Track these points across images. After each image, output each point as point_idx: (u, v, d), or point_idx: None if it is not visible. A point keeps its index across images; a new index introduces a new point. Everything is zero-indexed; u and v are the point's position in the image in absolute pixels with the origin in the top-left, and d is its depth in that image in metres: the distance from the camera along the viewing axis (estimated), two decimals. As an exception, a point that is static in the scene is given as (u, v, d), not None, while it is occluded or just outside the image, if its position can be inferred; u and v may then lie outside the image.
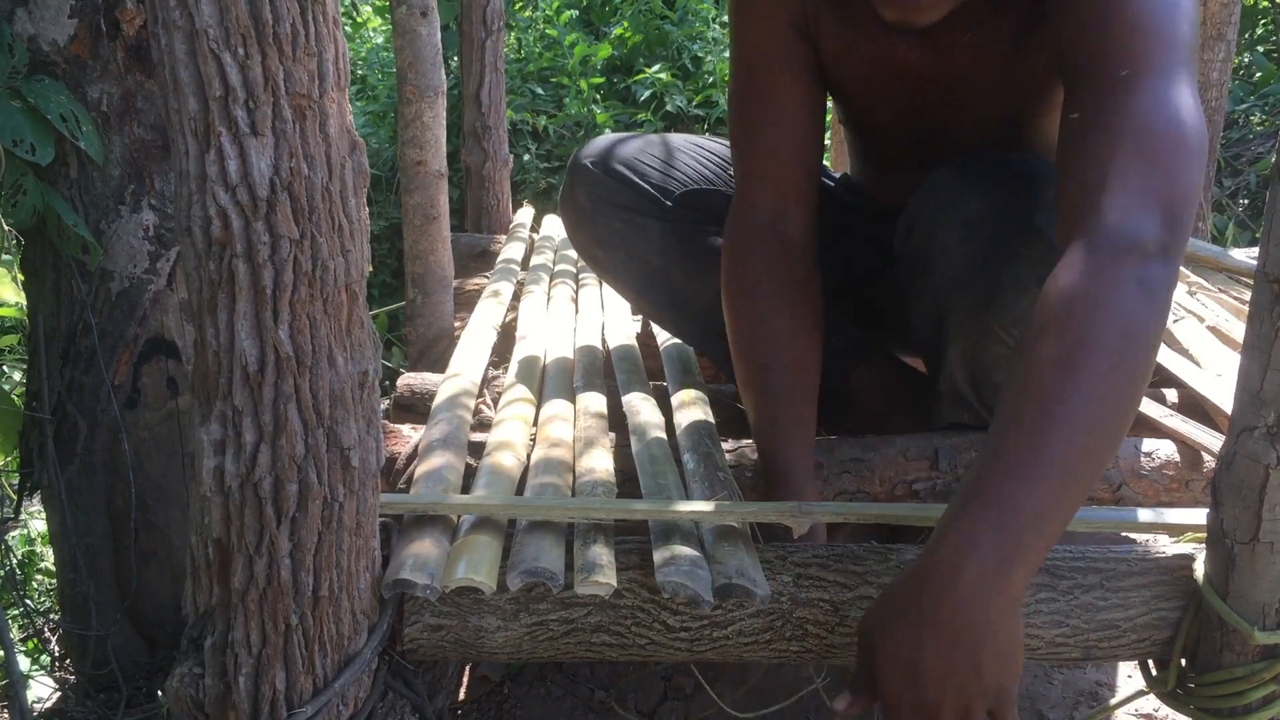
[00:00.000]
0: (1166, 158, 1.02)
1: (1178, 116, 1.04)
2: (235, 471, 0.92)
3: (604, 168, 1.54)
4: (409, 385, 1.79)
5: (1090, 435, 0.94)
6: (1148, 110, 1.03)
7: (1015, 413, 0.96)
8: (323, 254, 0.89)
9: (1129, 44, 1.07)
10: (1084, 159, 1.05)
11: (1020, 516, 0.92)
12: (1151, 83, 1.05)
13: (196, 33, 0.81)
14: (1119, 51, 1.07)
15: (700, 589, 1.03)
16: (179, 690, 1.00)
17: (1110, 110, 1.05)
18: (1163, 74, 1.06)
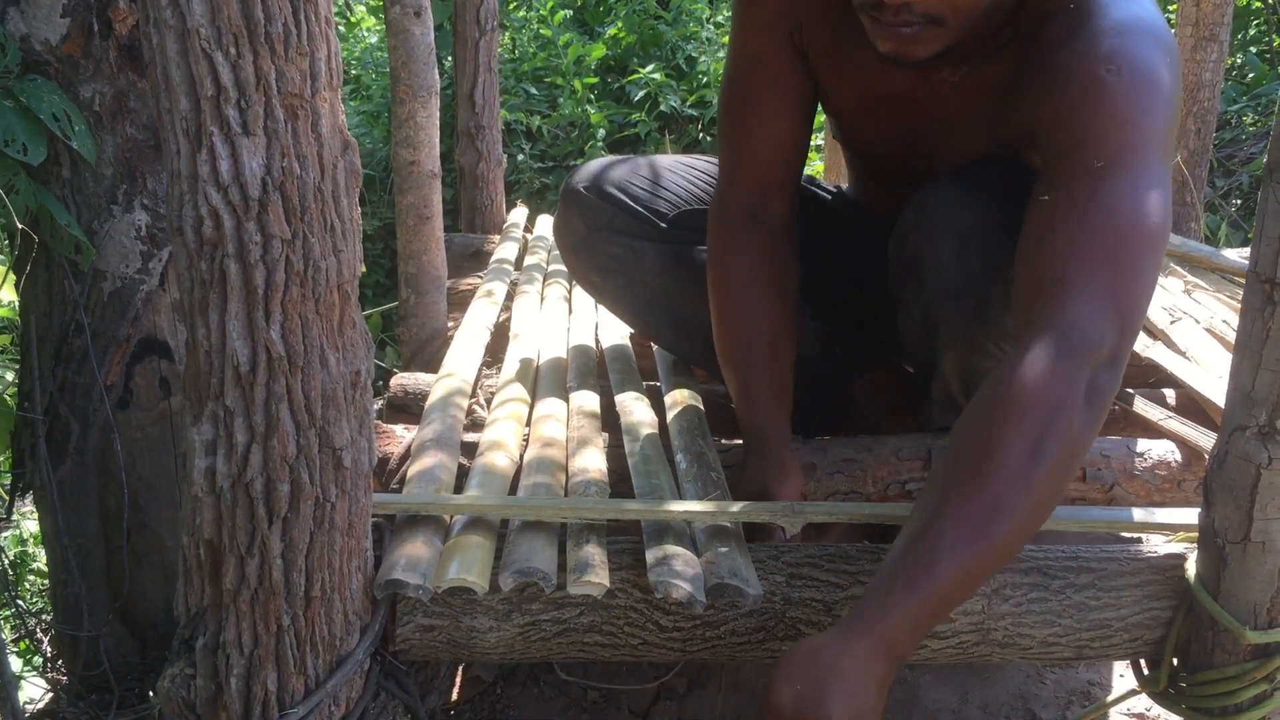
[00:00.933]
0: (1131, 260, 1.05)
1: (1147, 217, 1.06)
2: (227, 472, 0.92)
3: (598, 192, 1.55)
4: (402, 385, 1.79)
5: (1025, 532, 0.99)
6: (1119, 208, 1.05)
7: (962, 499, 0.97)
8: (315, 254, 0.89)
9: (1107, 134, 1.08)
10: (1052, 250, 1.06)
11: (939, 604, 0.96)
12: (1125, 178, 1.06)
13: (188, 32, 0.81)
14: (1096, 141, 1.08)
15: (693, 589, 1.03)
16: (170, 691, 1.00)
17: (1082, 204, 1.06)
18: (1138, 169, 1.07)
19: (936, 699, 1.54)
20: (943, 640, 1.11)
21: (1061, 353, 1.00)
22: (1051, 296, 1.04)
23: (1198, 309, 1.95)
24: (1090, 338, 1.01)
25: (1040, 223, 1.09)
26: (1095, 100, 1.09)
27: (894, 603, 0.95)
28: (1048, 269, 1.06)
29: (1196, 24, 2.71)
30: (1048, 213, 1.09)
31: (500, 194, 3.02)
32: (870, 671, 0.93)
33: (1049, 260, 1.06)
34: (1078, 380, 1.00)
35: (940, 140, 1.37)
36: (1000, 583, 1.11)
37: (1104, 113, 1.09)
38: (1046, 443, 0.98)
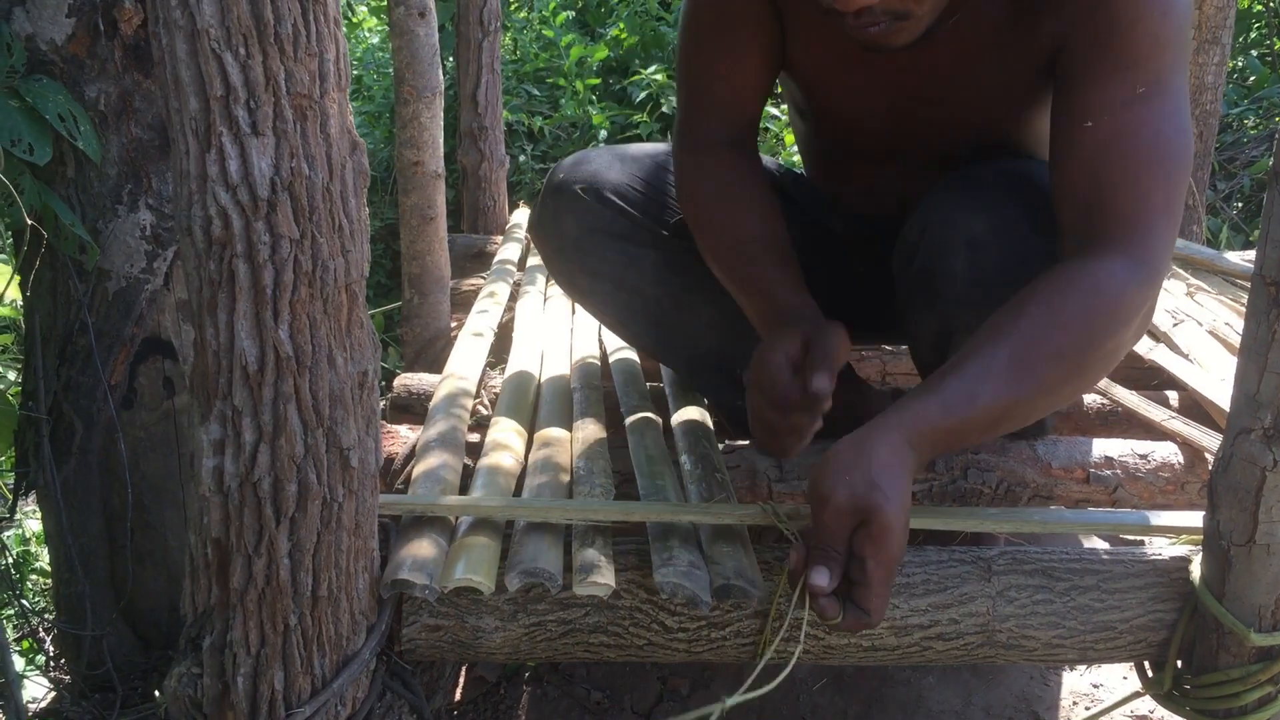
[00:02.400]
0: (1177, 176, 1.14)
1: (1184, 136, 1.14)
2: (234, 471, 0.92)
3: (595, 195, 1.46)
4: (406, 385, 1.79)
5: (1054, 378, 1.09)
6: (1163, 131, 1.13)
7: (994, 339, 1.08)
8: (323, 254, 0.89)
9: (1149, 59, 1.13)
10: (1116, 177, 1.13)
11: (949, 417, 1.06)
12: (1164, 102, 1.13)
13: (198, 32, 0.81)
14: (1139, 66, 1.13)
15: (698, 589, 1.04)
16: (177, 690, 1.00)
17: (1131, 130, 1.13)
18: (1173, 92, 1.14)
19: (940, 701, 1.54)
20: (947, 642, 1.11)
21: (1133, 267, 1.10)
22: (1110, 217, 1.12)
23: (1200, 311, 1.95)
24: (1153, 260, 1.11)
25: (1090, 148, 1.14)
26: (1139, 21, 1.13)
27: (928, 414, 1.05)
28: (1103, 195, 1.13)
29: (1199, 27, 2.71)
30: (1097, 138, 1.14)
31: (503, 195, 3.02)
32: (905, 461, 1.03)
33: (1104, 186, 1.13)
34: (1132, 280, 1.10)
35: (929, 106, 1.35)
36: (1005, 584, 1.11)
37: (1146, 36, 1.13)
38: (1099, 315, 1.08)
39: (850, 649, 1.11)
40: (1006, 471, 1.40)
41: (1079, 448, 1.46)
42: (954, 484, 1.40)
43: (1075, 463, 1.44)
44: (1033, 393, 1.08)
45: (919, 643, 1.11)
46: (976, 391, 1.06)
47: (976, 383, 1.06)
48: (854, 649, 1.11)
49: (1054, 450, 1.44)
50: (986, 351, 1.07)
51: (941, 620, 1.10)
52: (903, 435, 1.04)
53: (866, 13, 1.15)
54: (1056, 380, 1.09)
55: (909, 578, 1.12)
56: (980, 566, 1.12)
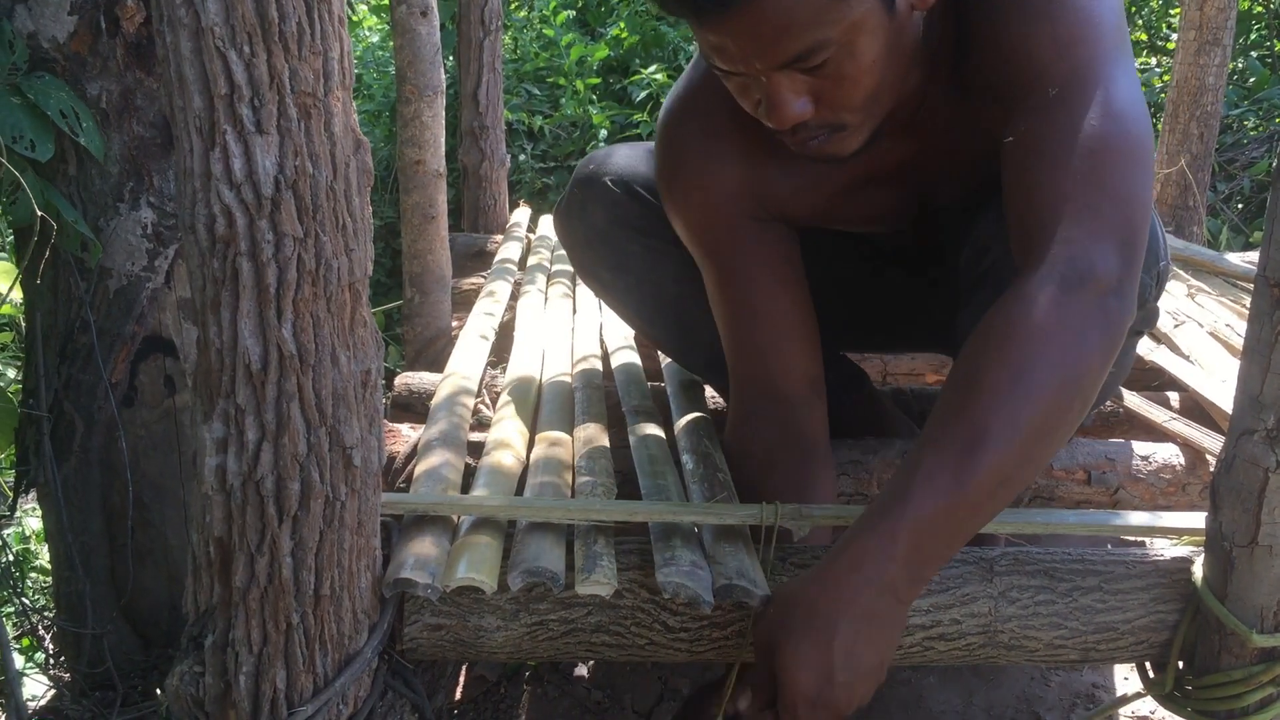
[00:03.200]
0: (1112, 177, 1.04)
1: (1117, 123, 1.05)
2: (237, 470, 0.92)
3: (625, 188, 1.44)
4: (407, 384, 1.79)
5: (1016, 466, 0.99)
6: (1084, 125, 1.04)
7: (947, 429, 0.99)
8: (326, 252, 0.89)
9: (1057, 61, 1.07)
10: (1030, 185, 1.05)
11: (928, 538, 0.97)
12: (1083, 94, 1.05)
13: (202, 30, 0.81)
14: (1043, 72, 1.07)
15: (700, 589, 1.03)
16: (179, 688, 1.00)
17: (1047, 132, 1.05)
18: (1093, 81, 1.06)
19: (941, 701, 1.54)
20: (949, 642, 1.11)
21: (1056, 284, 0.99)
22: (1040, 232, 1.03)
23: (1201, 313, 1.96)
24: (1084, 265, 1.00)
25: (1013, 164, 1.08)
26: (1036, 32, 1.08)
27: (877, 535, 0.97)
28: (1031, 208, 1.05)
29: (1200, 28, 2.71)
30: (1017, 152, 1.08)
31: (504, 194, 3.02)
32: (899, 599, 0.97)
33: (1030, 199, 1.05)
34: (1072, 309, 0.99)
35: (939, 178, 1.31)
36: (1007, 585, 1.11)
37: (1046, 41, 1.07)
38: (1034, 371, 0.97)
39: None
40: (1008, 472, 1.40)
41: (1080, 449, 1.46)
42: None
43: (1076, 464, 1.44)
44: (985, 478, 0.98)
45: (921, 643, 1.11)
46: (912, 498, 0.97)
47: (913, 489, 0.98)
48: (856, 649, 1.11)
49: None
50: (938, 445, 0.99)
51: (943, 620, 1.10)
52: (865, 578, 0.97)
53: (802, 128, 1.12)
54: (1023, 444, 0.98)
55: (911, 578, 1.11)
56: (982, 567, 1.12)
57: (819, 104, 1.10)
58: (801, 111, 1.09)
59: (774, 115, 1.10)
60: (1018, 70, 1.09)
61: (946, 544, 1.01)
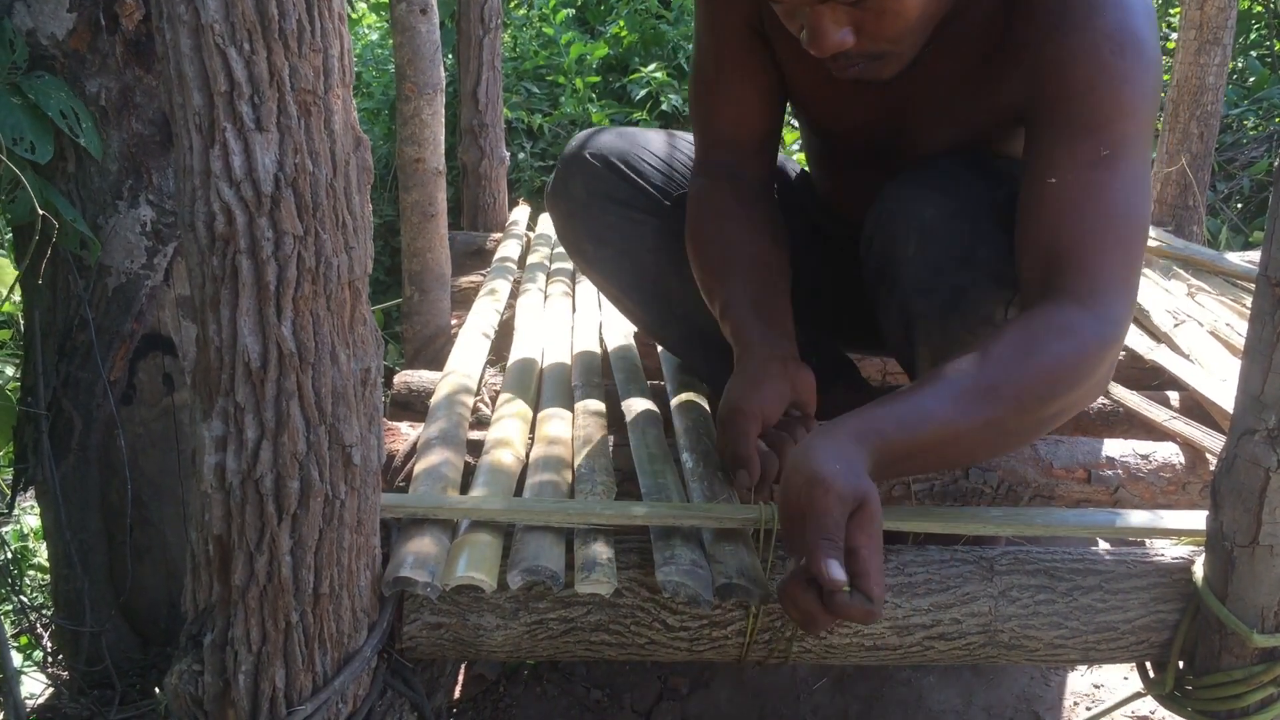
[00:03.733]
0: (1137, 242, 1.15)
1: (1145, 202, 1.16)
2: (236, 468, 0.92)
3: (604, 161, 1.52)
4: (406, 382, 1.79)
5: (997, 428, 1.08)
6: (1125, 196, 1.14)
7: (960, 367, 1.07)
8: (326, 250, 0.89)
9: (1113, 123, 1.14)
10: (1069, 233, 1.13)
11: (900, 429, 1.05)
12: (1128, 167, 1.14)
13: (202, 27, 0.81)
14: (1104, 128, 1.14)
15: (700, 588, 1.03)
16: (178, 687, 1.00)
17: (1094, 191, 1.13)
18: (1137, 158, 1.15)
19: (940, 700, 1.54)
20: (949, 641, 1.11)
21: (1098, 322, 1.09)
22: (1071, 272, 1.12)
23: (1201, 312, 1.95)
24: (1116, 320, 1.11)
25: (1053, 205, 1.14)
26: (1102, 86, 1.14)
27: (883, 425, 1.04)
28: (1064, 251, 1.13)
29: (1200, 27, 2.71)
30: (1060, 196, 1.14)
31: (503, 192, 3.02)
32: (864, 460, 1.02)
33: (1065, 243, 1.13)
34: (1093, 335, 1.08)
35: (908, 129, 1.36)
36: (1007, 584, 1.11)
37: (1110, 100, 1.14)
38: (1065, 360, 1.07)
39: (852, 649, 1.11)
40: (1007, 471, 1.40)
41: (1080, 448, 1.46)
42: (955, 483, 1.40)
43: (1076, 463, 1.44)
44: (983, 426, 1.06)
45: (921, 642, 1.11)
46: (930, 412, 1.05)
47: (932, 403, 1.05)
48: (856, 648, 1.11)
49: (1055, 450, 1.44)
50: (949, 377, 1.07)
51: (944, 620, 1.10)
52: (857, 440, 1.03)
53: (842, 56, 1.19)
54: (1010, 417, 1.07)
55: (911, 577, 1.12)
56: (983, 566, 1.12)
57: (860, 35, 1.17)
58: (842, 41, 1.16)
59: (816, 44, 1.17)
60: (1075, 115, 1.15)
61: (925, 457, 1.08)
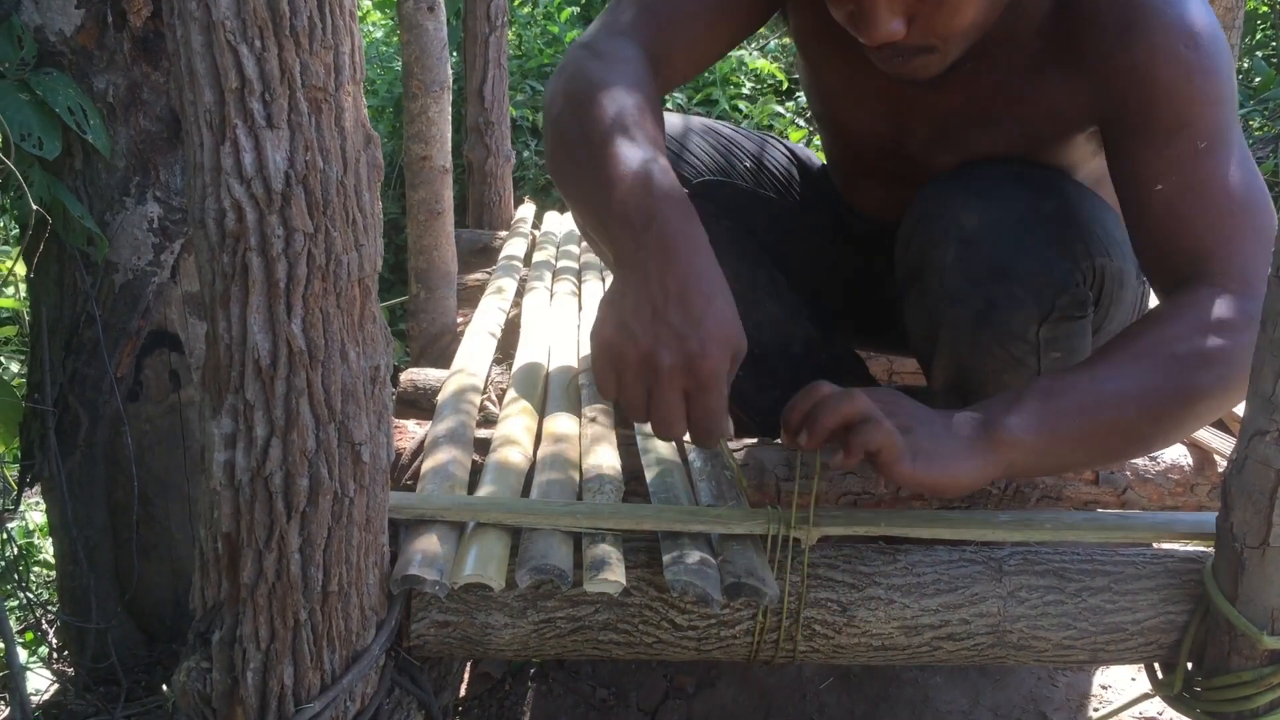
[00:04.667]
0: (1265, 226, 1.11)
1: (1259, 181, 1.13)
2: (246, 466, 0.91)
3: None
4: (412, 380, 1.78)
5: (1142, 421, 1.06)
6: (1237, 182, 1.11)
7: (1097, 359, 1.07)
8: (336, 248, 0.89)
9: (1201, 118, 1.12)
10: (1192, 220, 1.11)
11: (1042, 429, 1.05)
12: (1229, 154, 1.12)
13: (214, 24, 0.81)
14: (1193, 125, 1.12)
15: (709, 587, 1.03)
16: (186, 685, 1.00)
17: (1204, 182, 1.11)
18: (1233, 144, 1.13)
19: (948, 701, 1.54)
20: (958, 642, 1.11)
21: (1237, 301, 1.07)
22: (1210, 262, 1.10)
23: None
24: (1257, 301, 1.04)
25: (1166, 209, 1.13)
26: (1183, 82, 1.12)
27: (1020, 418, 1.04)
28: (1197, 242, 1.11)
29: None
30: (1171, 197, 1.12)
31: (509, 190, 3.02)
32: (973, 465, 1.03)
33: (1195, 236, 1.11)
34: (1246, 330, 1.05)
35: (935, 144, 1.34)
36: (1016, 585, 1.11)
37: (1194, 94, 1.12)
38: (1208, 353, 1.05)
39: (859, 648, 1.11)
40: (1015, 471, 1.40)
41: (1088, 448, 1.45)
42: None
43: (1085, 463, 1.43)
44: (1143, 394, 1.05)
45: (929, 642, 1.11)
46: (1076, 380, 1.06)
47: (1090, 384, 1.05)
48: (863, 648, 1.11)
49: (1063, 450, 1.43)
50: (1095, 361, 1.07)
51: (952, 620, 1.10)
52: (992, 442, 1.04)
53: (889, 46, 1.14)
54: (1166, 399, 1.06)
55: (919, 577, 1.11)
56: (991, 567, 1.12)
57: (912, 26, 1.12)
58: (894, 31, 1.11)
59: (866, 31, 1.11)
60: (1161, 118, 1.13)
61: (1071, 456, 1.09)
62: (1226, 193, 1.11)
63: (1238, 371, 1.06)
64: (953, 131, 1.32)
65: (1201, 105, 1.12)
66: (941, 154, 1.35)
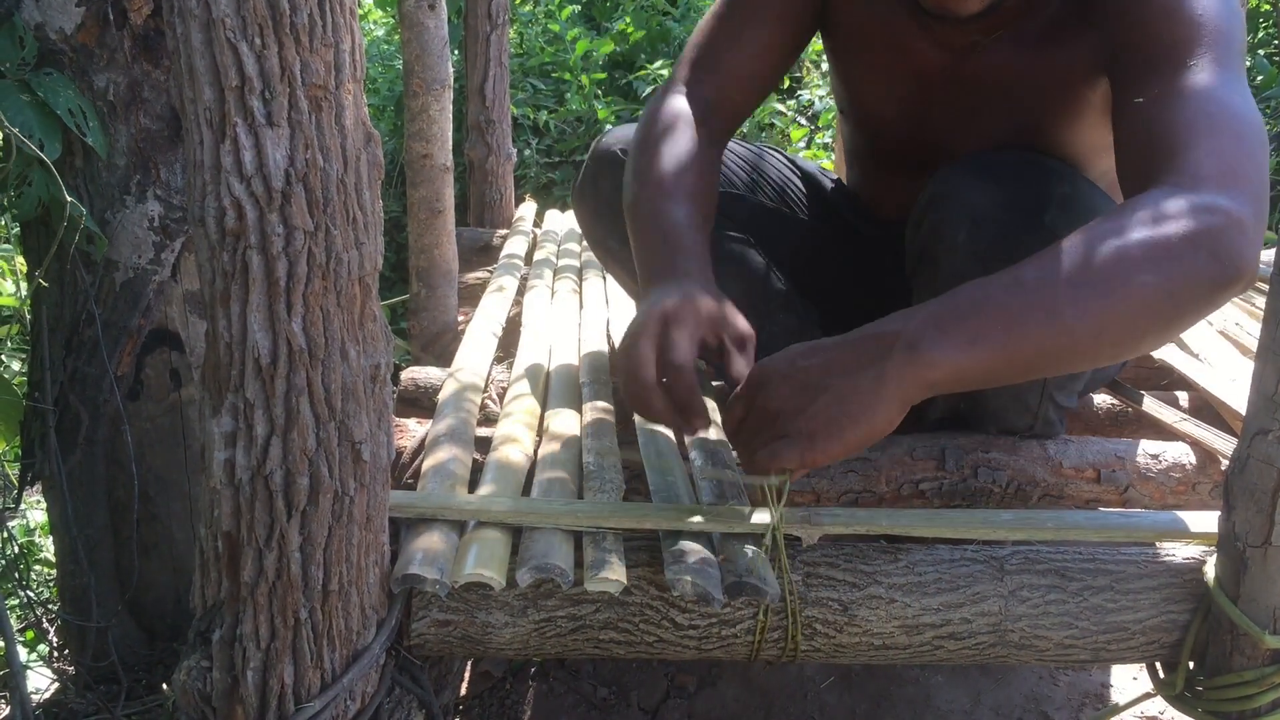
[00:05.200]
0: (1243, 133, 1.04)
1: (1248, 107, 1.06)
2: (246, 464, 0.91)
3: None
4: (413, 379, 1.78)
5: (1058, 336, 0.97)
6: (1227, 95, 1.05)
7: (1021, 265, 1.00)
8: (337, 246, 0.89)
9: (1197, 37, 1.09)
10: (1161, 127, 1.05)
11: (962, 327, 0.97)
12: (1224, 75, 1.07)
13: (213, 22, 0.81)
14: (1187, 43, 1.09)
15: (710, 586, 1.03)
16: (186, 683, 1.00)
17: (1184, 90, 1.06)
18: (1227, 70, 1.08)
19: (949, 700, 1.54)
20: (959, 641, 1.11)
21: (1179, 194, 0.98)
22: (1162, 161, 1.03)
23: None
24: (1215, 194, 0.98)
25: (1141, 116, 1.09)
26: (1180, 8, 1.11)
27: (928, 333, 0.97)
28: (1161, 141, 1.05)
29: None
30: (1150, 107, 1.08)
31: (510, 188, 3.02)
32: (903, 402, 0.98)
33: (1160, 134, 1.05)
34: (1189, 218, 0.96)
35: (959, 117, 1.36)
36: (1018, 584, 1.10)
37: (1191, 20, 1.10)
38: (1133, 270, 0.95)
39: (860, 647, 1.11)
40: (1017, 470, 1.40)
41: (1090, 447, 1.45)
42: (964, 483, 1.39)
43: (1086, 462, 1.43)
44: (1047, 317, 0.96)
45: (930, 642, 1.11)
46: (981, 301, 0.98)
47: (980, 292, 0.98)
48: (864, 647, 1.11)
49: (1065, 450, 1.43)
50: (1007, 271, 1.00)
51: (954, 619, 1.10)
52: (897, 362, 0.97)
53: None
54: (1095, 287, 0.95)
55: (921, 576, 1.11)
56: (993, 566, 1.12)
57: None
58: None
59: None
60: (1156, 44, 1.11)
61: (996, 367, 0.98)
62: (1210, 101, 1.05)
63: (1181, 268, 0.96)
64: (973, 111, 1.34)
65: (1198, 31, 1.10)
66: (962, 138, 1.36)
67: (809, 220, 1.60)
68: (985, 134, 1.34)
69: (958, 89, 1.33)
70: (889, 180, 1.53)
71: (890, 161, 1.51)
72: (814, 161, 1.69)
